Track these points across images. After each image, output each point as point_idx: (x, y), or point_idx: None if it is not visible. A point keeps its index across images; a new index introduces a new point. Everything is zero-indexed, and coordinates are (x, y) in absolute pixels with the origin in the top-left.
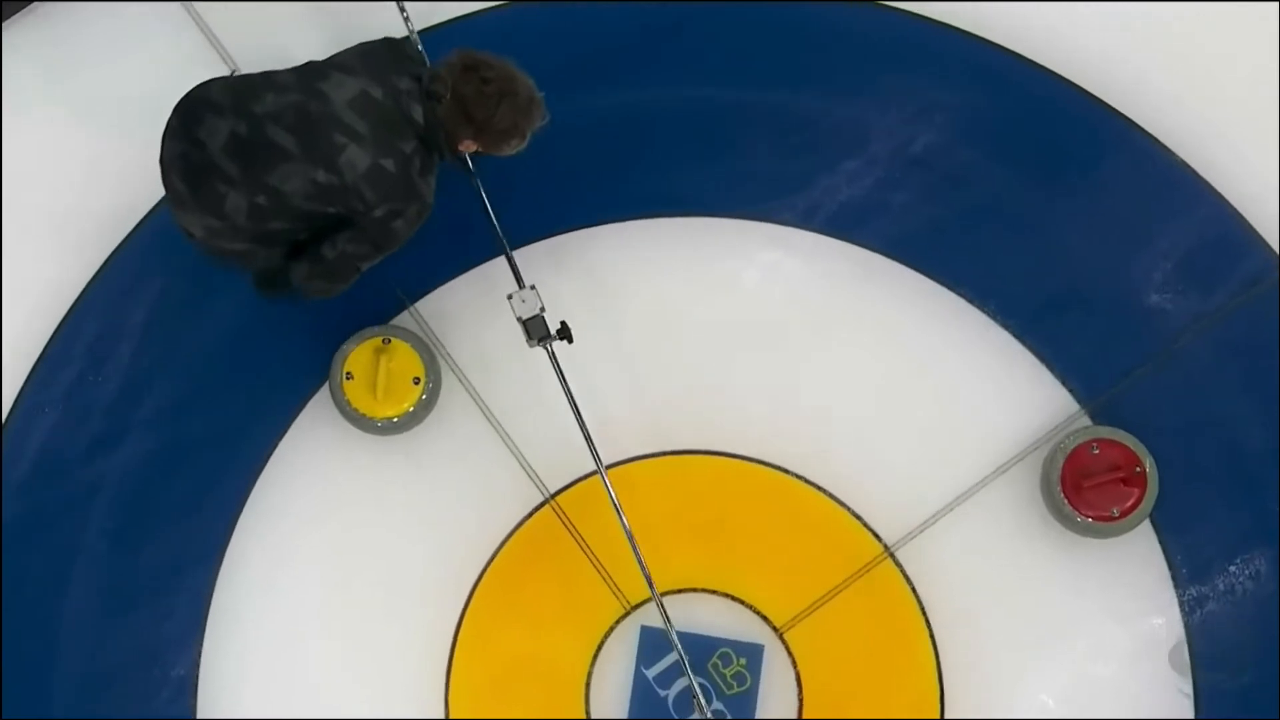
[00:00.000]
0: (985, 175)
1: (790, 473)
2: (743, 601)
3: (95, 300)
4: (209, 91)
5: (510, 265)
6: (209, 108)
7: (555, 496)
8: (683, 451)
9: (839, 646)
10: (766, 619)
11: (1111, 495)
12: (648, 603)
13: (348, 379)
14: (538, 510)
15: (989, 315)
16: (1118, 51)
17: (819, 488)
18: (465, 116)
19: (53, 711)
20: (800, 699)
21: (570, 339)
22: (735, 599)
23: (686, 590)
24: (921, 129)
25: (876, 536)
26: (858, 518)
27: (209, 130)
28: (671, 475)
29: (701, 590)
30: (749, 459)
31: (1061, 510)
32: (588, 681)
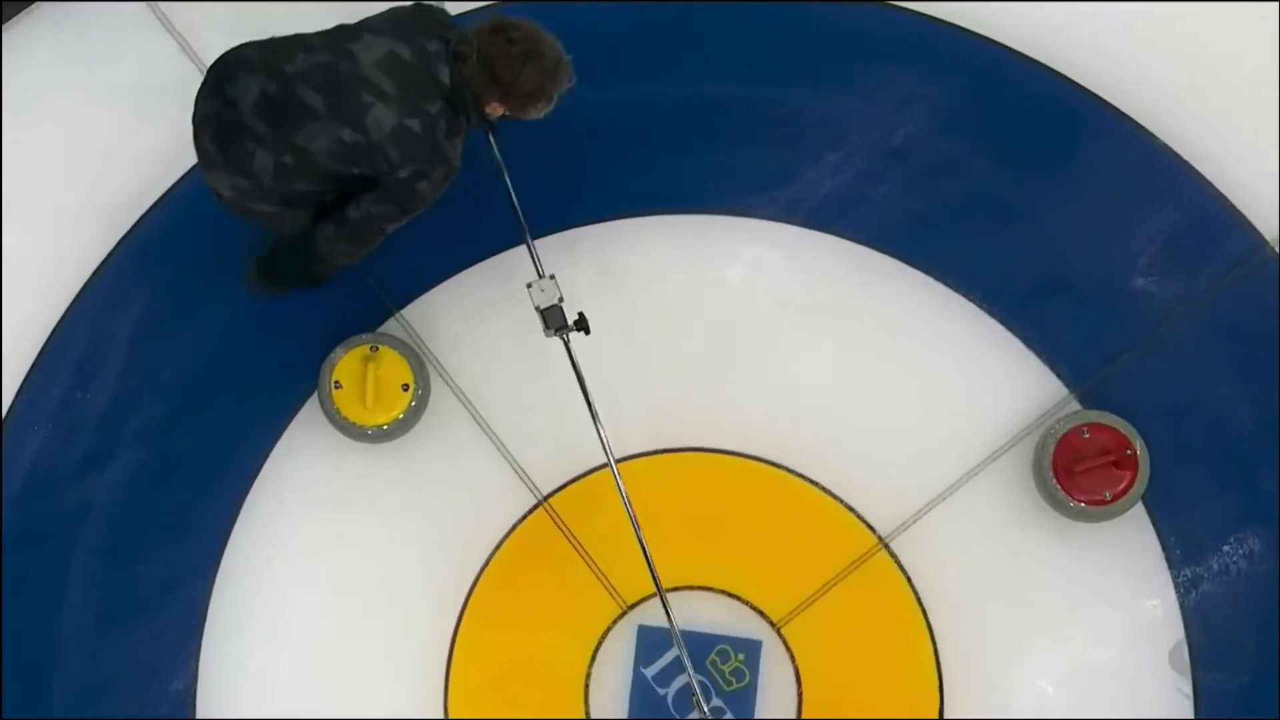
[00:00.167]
0: (967, 164)
1: (782, 467)
2: (739, 597)
3: (81, 316)
4: (243, 51)
5: (530, 254)
6: (242, 66)
7: (548, 499)
8: (673, 450)
9: (836, 640)
10: (763, 614)
11: (1103, 479)
12: (644, 602)
13: (336, 388)
14: (531, 513)
15: (975, 303)
16: (1114, 49)
17: (812, 481)
18: (491, 77)
19: None
20: (799, 694)
21: (587, 330)
22: (731, 595)
23: (682, 588)
24: (902, 120)
25: (870, 528)
26: (851, 510)
27: (242, 88)
28: (663, 473)
29: (697, 588)
30: (740, 455)
31: (1054, 495)
32: (586, 682)
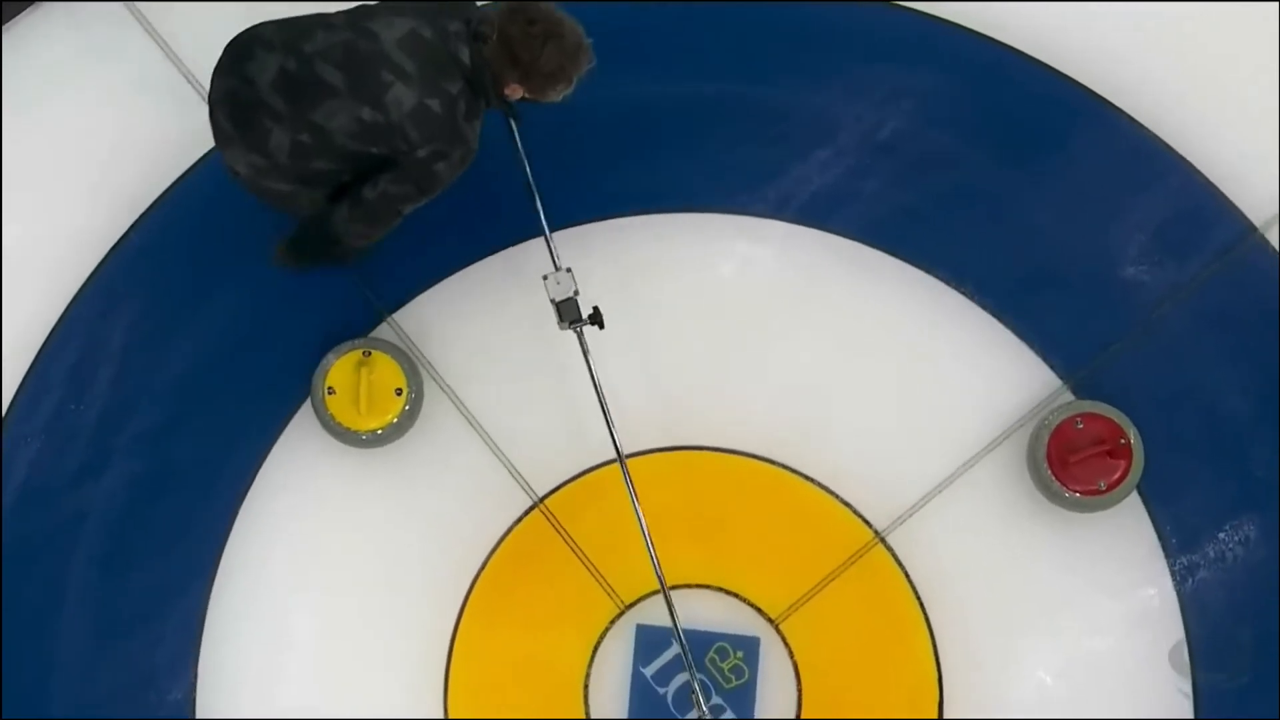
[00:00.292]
0: (955, 157)
1: (776, 463)
2: (736, 595)
3: (73, 326)
4: (261, 30)
5: (547, 246)
6: (260, 44)
7: (544, 500)
8: (667, 449)
9: (835, 634)
10: (761, 611)
11: (1098, 469)
12: (641, 602)
13: (330, 394)
14: (527, 514)
15: (967, 296)
16: (1099, 38)
17: (806, 477)
18: (511, 58)
19: None
20: (799, 689)
21: (601, 325)
22: (729, 592)
23: (680, 586)
24: (890, 115)
25: (866, 522)
26: (847, 505)
27: (259, 66)
28: (657, 472)
29: (694, 586)
30: (734, 452)
31: (1049, 486)
32: (586, 682)
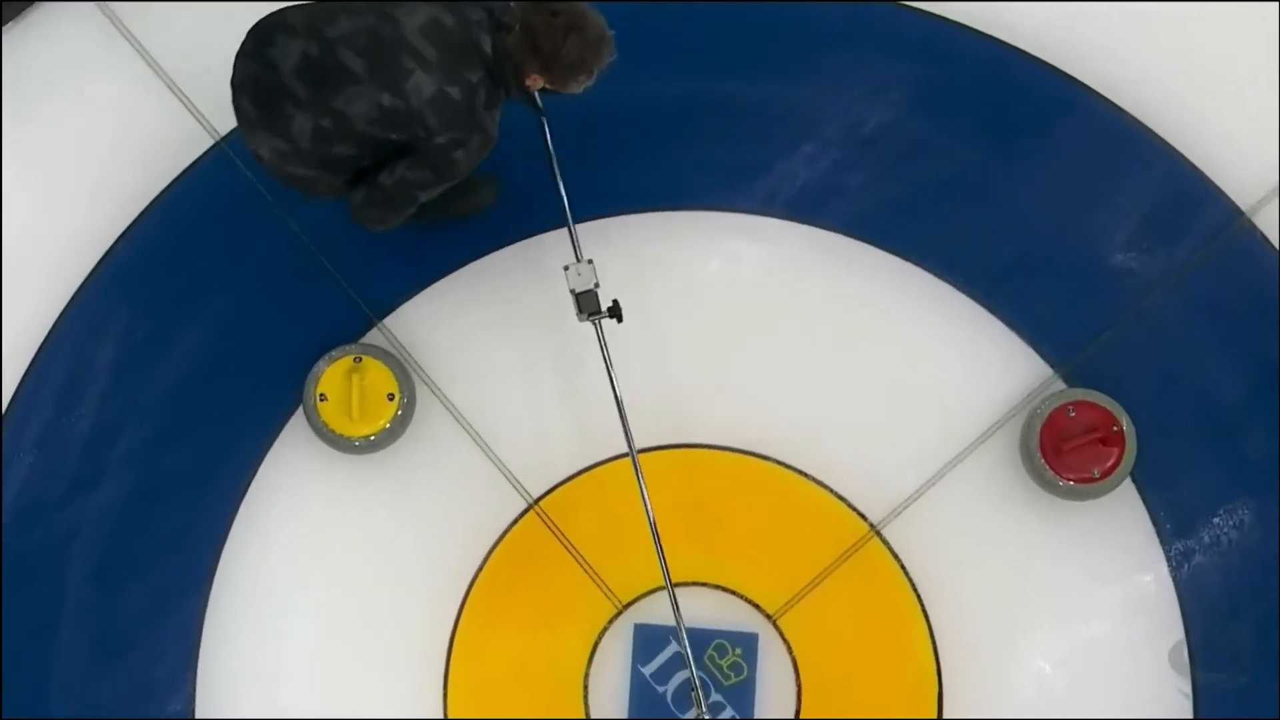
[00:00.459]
0: (940, 148)
1: (770, 459)
2: (733, 591)
3: (62, 342)
4: (283, 15)
5: (570, 236)
6: (282, 29)
7: (538, 502)
8: (661, 447)
9: (833, 628)
10: (758, 607)
11: (1091, 456)
12: (638, 601)
13: (322, 401)
14: (522, 516)
15: (955, 287)
16: (1081, 27)
17: (801, 472)
18: (532, 48)
19: None
20: (798, 684)
21: (620, 318)
22: (726, 589)
23: (677, 584)
24: (874, 108)
25: (861, 516)
26: (841, 499)
27: (281, 51)
28: (650, 470)
29: (691, 583)
30: (728, 449)
31: (1043, 475)
32: (585, 683)
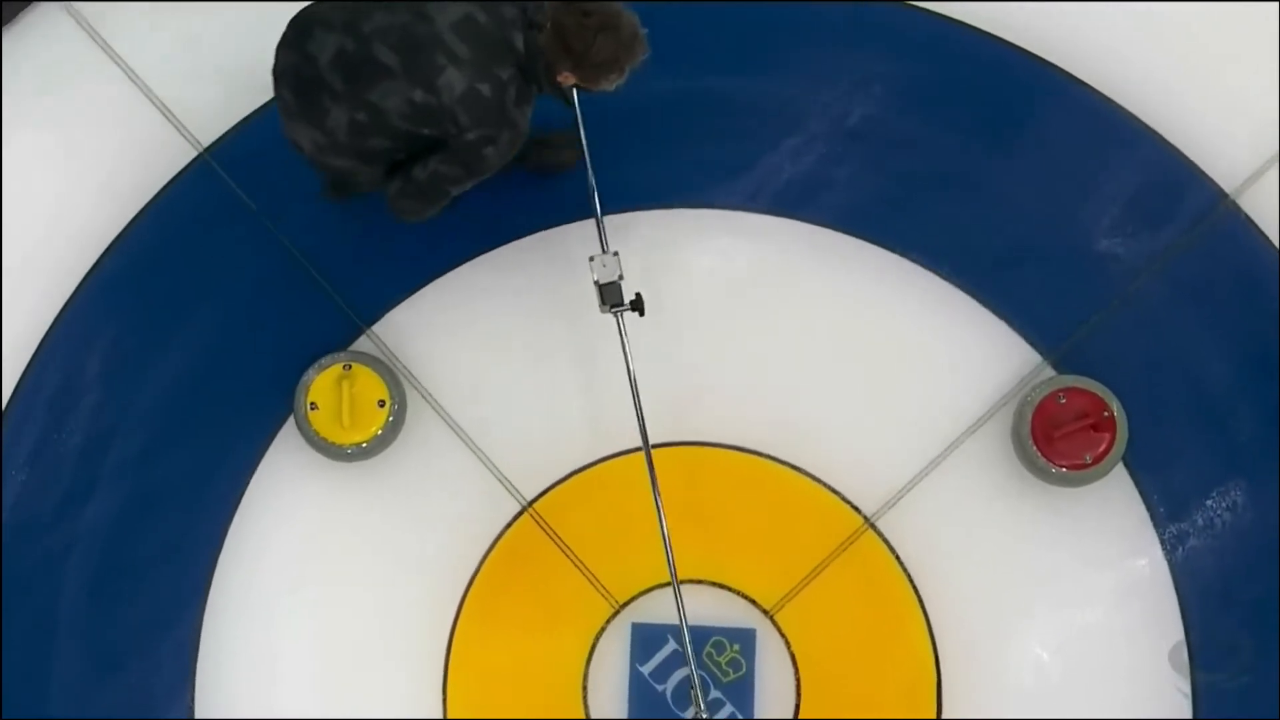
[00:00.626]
0: (924, 140)
1: (763, 455)
2: (730, 588)
3: (51, 355)
4: (322, 9)
5: (598, 227)
6: (319, 23)
7: (532, 503)
8: (654, 445)
9: (830, 622)
10: (755, 603)
11: (1083, 443)
12: (635, 601)
13: (312, 409)
14: (517, 518)
15: (943, 277)
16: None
17: (794, 467)
18: (564, 47)
19: None
20: (797, 679)
21: (642, 312)
22: (722, 586)
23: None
24: (858, 101)
25: (855, 509)
26: (835, 492)
27: (319, 45)
28: (643, 468)
29: (687, 581)
30: (720, 445)
31: (1035, 463)
32: (584, 684)
